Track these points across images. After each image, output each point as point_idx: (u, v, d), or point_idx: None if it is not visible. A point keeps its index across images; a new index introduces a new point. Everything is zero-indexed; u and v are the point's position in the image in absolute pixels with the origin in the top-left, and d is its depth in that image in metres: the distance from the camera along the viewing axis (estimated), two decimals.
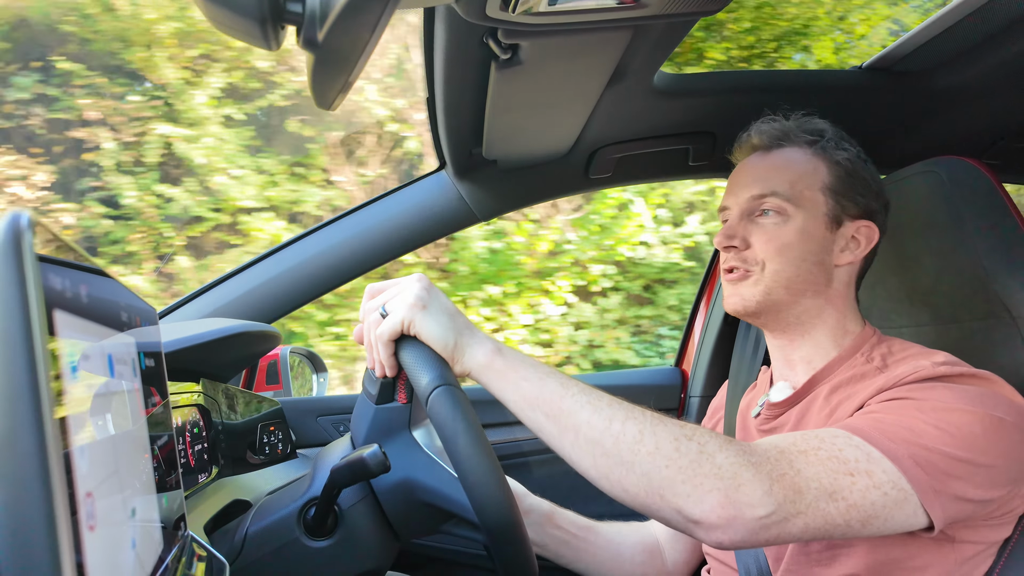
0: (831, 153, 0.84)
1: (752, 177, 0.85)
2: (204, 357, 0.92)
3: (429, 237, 1.26)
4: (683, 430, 0.60)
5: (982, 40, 0.93)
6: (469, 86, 0.86)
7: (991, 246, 0.81)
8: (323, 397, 1.54)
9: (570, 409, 0.62)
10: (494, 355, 0.67)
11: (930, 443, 0.61)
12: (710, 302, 1.60)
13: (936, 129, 1.17)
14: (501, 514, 0.62)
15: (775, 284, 0.81)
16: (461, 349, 0.67)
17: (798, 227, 0.81)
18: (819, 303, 0.83)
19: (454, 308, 0.69)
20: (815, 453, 0.60)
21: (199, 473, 0.87)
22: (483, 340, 0.68)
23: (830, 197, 0.82)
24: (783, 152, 0.86)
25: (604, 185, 1.30)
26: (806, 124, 0.87)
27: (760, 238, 0.82)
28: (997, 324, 0.80)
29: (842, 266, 0.83)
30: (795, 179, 0.82)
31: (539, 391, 0.64)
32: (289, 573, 0.69)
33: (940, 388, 0.66)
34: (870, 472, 0.59)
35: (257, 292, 1.20)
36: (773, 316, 0.84)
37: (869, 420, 0.64)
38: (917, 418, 0.63)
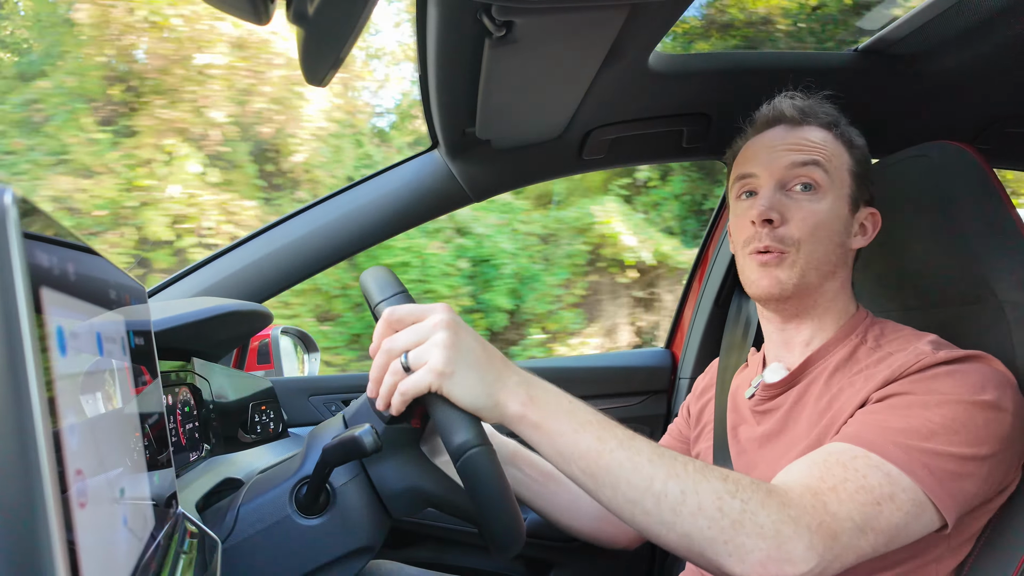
0: (851, 138, 0.84)
1: (788, 146, 0.81)
2: (195, 336, 0.92)
3: (421, 217, 1.26)
4: (726, 485, 0.58)
5: (976, 25, 0.93)
6: (463, 64, 0.84)
7: (980, 230, 0.81)
8: (315, 377, 1.55)
9: (607, 467, 0.60)
10: (526, 407, 0.62)
11: (940, 446, 0.62)
12: (701, 283, 1.61)
13: (929, 113, 1.16)
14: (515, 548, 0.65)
15: (809, 266, 0.79)
16: (492, 405, 0.62)
17: (830, 206, 0.80)
18: (836, 287, 0.83)
19: (484, 356, 0.63)
20: (843, 487, 0.60)
21: (190, 451, 0.87)
22: (515, 391, 0.63)
23: (853, 180, 0.82)
24: (811, 128, 0.83)
25: (597, 167, 1.29)
26: (822, 105, 0.86)
27: (797, 214, 0.79)
28: (984, 308, 0.81)
29: (853, 251, 0.84)
30: (830, 155, 0.81)
31: (574, 447, 0.61)
32: (281, 550, 0.69)
33: (942, 378, 0.67)
34: (893, 496, 0.60)
35: (248, 271, 1.20)
36: (799, 300, 0.82)
37: (880, 430, 0.64)
38: (923, 417, 0.64)
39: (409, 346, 0.63)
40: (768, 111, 0.87)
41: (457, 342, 0.62)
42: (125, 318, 0.50)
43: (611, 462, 0.60)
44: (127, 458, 0.44)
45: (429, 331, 0.62)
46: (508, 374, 0.64)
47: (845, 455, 0.63)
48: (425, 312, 0.64)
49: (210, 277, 1.19)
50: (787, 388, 0.84)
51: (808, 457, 0.66)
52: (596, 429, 0.62)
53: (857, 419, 0.69)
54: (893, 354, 0.74)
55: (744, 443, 0.87)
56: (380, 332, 0.66)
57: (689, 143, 1.22)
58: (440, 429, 0.64)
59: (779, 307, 0.84)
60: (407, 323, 0.64)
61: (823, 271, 0.80)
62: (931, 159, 0.86)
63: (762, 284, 0.80)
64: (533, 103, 0.99)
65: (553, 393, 0.65)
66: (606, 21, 0.75)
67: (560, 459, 0.62)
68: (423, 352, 0.62)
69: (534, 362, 1.85)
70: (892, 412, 0.66)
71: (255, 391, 1.11)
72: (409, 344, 0.63)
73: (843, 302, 0.84)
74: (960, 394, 0.65)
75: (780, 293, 0.80)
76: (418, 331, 0.63)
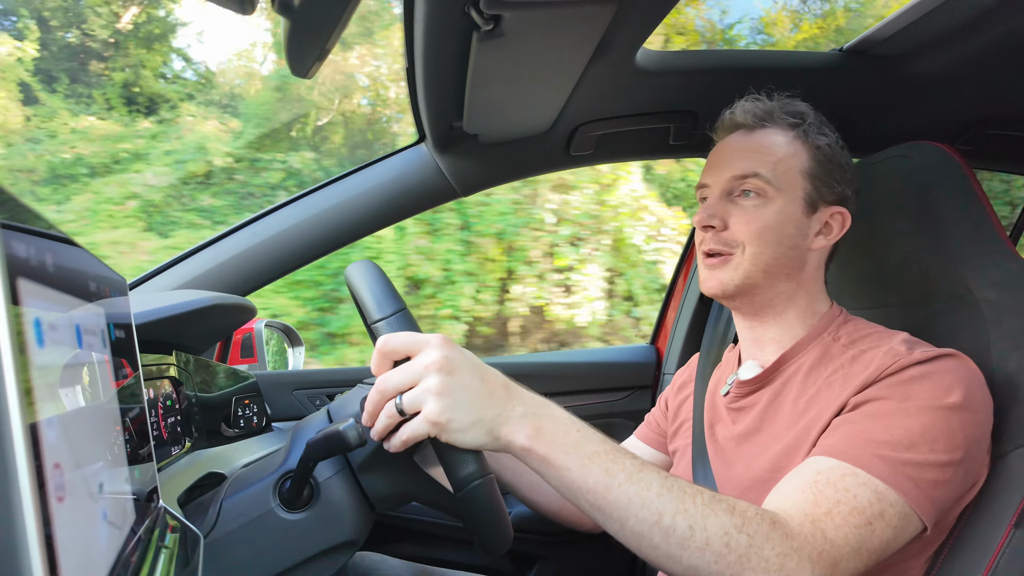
0: (812, 138, 0.84)
1: (734, 156, 0.84)
2: (177, 329, 0.91)
3: (407, 211, 1.25)
4: (732, 519, 0.59)
5: (959, 27, 0.94)
6: (450, 57, 0.84)
7: (958, 230, 0.83)
8: (299, 371, 1.54)
9: (616, 502, 0.59)
10: (533, 441, 0.60)
11: (921, 456, 0.64)
12: (686, 281, 1.62)
13: (911, 114, 1.18)
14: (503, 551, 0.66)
15: (753, 268, 0.81)
16: (496, 441, 0.61)
17: (777, 210, 0.81)
18: (792, 286, 0.84)
19: (483, 392, 0.60)
20: (838, 510, 0.62)
21: (172, 446, 0.86)
22: (519, 424, 0.61)
23: (809, 181, 0.83)
24: (766, 133, 0.85)
25: (585, 163, 1.29)
26: (788, 106, 0.86)
27: (739, 219, 0.82)
28: (961, 307, 0.82)
29: (815, 251, 0.84)
30: (777, 161, 0.82)
31: (582, 481, 0.60)
32: (264, 545, 0.69)
33: (917, 381, 0.68)
34: (883, 513, 0.62)
35: (231, 264, 1.18)
36: (748, 299, 0.85)
37: (864, 443, 0.65)
38: (903, 428, 0.65)
39: (403, 387, 0.60)
40: (727, 117, 0.90)
41: (452, 386, 0.59)
42: (105, 310, 0.50)
43: (620, 497, 0.59)
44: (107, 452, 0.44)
45: (422, 373, 0.59)
46: (511, 405, 0.62)
47: (834, 474, 0.64)
48: (419, 346, 0.61)
49: (193, 270, 1.18)
50: (761, 386, 0.85)
51: (798, 477, 0.67)
52: (604, 461, 0.60)
53: (839, 429, 0.69)
54: (867, 351, 0.75)
55: (721, 441, 0.88)
56: (376, 364, 0.63)
57: (676, 140, 1.22)
58: (441, 461, 0.63)
59: (732, 304, 0.88)
60: (401, 354, 0.62)
61: (771, 272, 0.82)
62: (912, 159, 0.87)
63: (707, 285, 0.86)
64: (521, 98, 0.98)
65: (561, 422, 0.63)
66: (594, 17, 0.75)
67: (568, 492, 0.61)
68: (417, 398, 0.59)
69: (520, 357, 1.85)
70: (873, 422, 0.67)
71: (238, 385, 1.11)
72: (403, 385, 0.60)
73: (806, 300, 0.85)
74: (935, 399, 0.66)
75: (723, 293, 0.84)
76: (411, 372, 0.60)
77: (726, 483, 0.83)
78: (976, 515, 0.70)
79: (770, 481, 0.75)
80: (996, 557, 0.68)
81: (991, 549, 0.68)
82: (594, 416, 1.57)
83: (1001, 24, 0.91)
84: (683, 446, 0.96)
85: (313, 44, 0.63)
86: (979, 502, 0.71)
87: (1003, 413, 0.72)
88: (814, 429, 0.73)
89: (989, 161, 1.39)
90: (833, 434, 0.69)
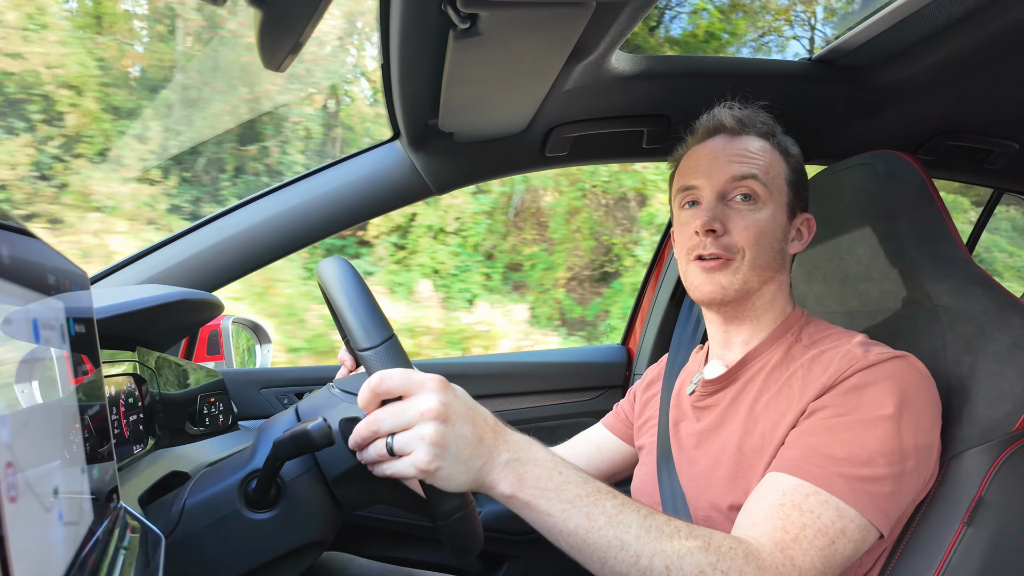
0: (786, 147, 0.87)
1: (728, 159, 0.84)
2: (140, 325, 0.88)
3: (381, 208, 1.24)
4: (708, 557, 0.60)
5: (922, 39, 0.97)
6: (426, 54, 0.84)
7: (918, 237, 0.86)
8: (267, 368, 1.51)
9: (595, 545, 0.61)
10: (515, 488, 0.62)
11: (878, 470, 0.66)
12: (658, 281, 1.64)
13: (876, 123, 1.21)
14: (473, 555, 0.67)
15: (752, 272, 0.82)
16: (479, 487, 0.62)
17: (770, 214, 0.83)
18: (774, 289, 0.86)
19: (473, 440, 0.61)
20: (804, 535, 0.64)
21: (134, 444, 0.84)
22: (503, 472, 0.62)
23: (790, 188, 0.85)
24: (749, 139, 0.86)
25: (560, 164, 1.30)
26: (759, 114, 0.88)
27: (739, 224, 0.82)
28: (920, 311, 0.85)
29: (789, 255, 0.87)
30: (767, 166, 0.83)
31: (564, 526, 0.61)
32: (228, 545, 0.68)
33: (872, 388, 0.70)
34: (844, 530, 0.64)
35: (198, 259, 1.16)
36: (740, 303, 0.85)
37: (823, 460, 0.67)
38: (859, 443, 0.67)
39: (395, 429, 0.60)
40: (708, 120, 0.89)
41: (444, 435, 0.59)
42: (65, 304, 0.48)
43: (599, 540, 0.61)
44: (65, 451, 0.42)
45: (415, 419, 0.59)
46: (497, 453, 0.62)
47: (798, 495, 0.66)
48: (414, 388, 0.61)
49: (159, 264, 1.15)
50: (725, 385, 0.87)
51: (765, 500, 0.68)
52: (585, 505, 0.62)
53: (800, 442, 0.71)
54: (826, 352, 0.78)
55: (684, 439, 0.89)
56: (365, 400, 0.62)
57: (649, 144, 1.24)
58: (423, 489, 0.64)
59: (721, 309, 0.87)
60: (395, 395, 0.62)
61: (764, 276, 0.84)
62: (876, 168, 0.90)
63: (705, 289, 0.83)
64: (496, 98, 0.98)
65: (543, 465, 0.63)
66: (570, 19, 0.76)
67: (549, 535, 0.63)
68: (408, 442, 0.59)
69: (491, 357, 1.85)
70: (832, 437, 0.69)
71: (204, 383, 1.08)
72: (395, 428, 0.60)
73: (781, 303, 0.87)
74: (887, 406, 0.68)
75: (723, 298, 0.83)
76: (405, 416, 0.60)
77: (689, 480, 0.84)
78: (929, 514, 0.72)
79: (732, 479, 0.77)
80: (948, 555, 0.71)
81: (943, 547, 0.71)
82: (564, 416, 1.58)
83: (963, 37, 0.94)
84: (649, 443, 0.97)
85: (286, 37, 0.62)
86: (932, 502, 0.73)
87: (956, 415, 0.75)
88: (776, 430, 0.75)
89: (948, 171, 1.44)
90: (794, 448, 0.71)
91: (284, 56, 0.65)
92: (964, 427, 0.74)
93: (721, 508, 0.78)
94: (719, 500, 0.78)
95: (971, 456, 0.73)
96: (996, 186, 1.64)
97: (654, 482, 0.90)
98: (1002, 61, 1.00)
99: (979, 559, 0.70)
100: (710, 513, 0.79)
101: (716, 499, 0.79)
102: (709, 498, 0.80)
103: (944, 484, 0.73)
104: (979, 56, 0.98)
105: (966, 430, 0.74)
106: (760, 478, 0.74)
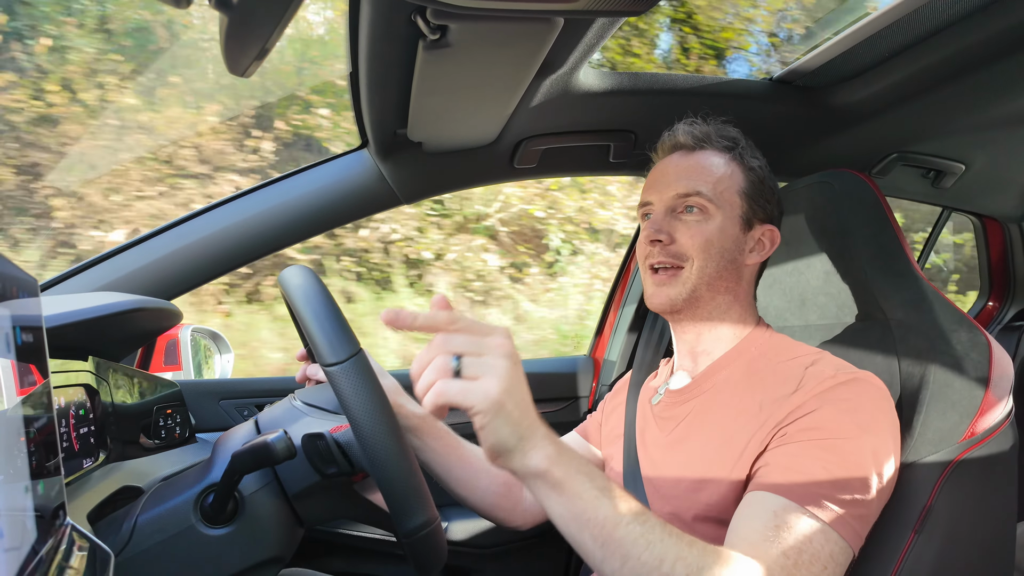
0: (747, 160, 0.89)
1: (677, 175, 0.88)
2: (93, 334, 0.85)
3: (347, 217, 1.23)
4: (725, 571, 0.59)
5: (876, 64, 1.01)
6: (395, 64, 0.83)
7: (872, 254, 0.89)
8: (226, 379, 1.47)
9: (621, 540, 0.58)
10: (551, 463, 0.59)
11: (858, 495, 0.68)
12: (624, 293, 1.66)
13: (833, 142, 1.26)
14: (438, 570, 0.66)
15: (699, 281, 0.85)
16: (517, 451, 0.59)
17: (718, 225, 0.86)
18: (729, 299, 0.88)
19: (527, 400, 0.59)
20: (801, 559, 0.64)
21: (84, 458, 0.81)
22: (542, 444, 0.59)
23: (744, 200, 0.88)
24: (705, 155, 0.89)
25: (529, 176, 1.31)
26: (723, 130, 0.91)
27: (685, 233, 0.86)
28: (874, 325, 0.88)
29: (749, 266, 0.89)
30: (716, 181, 0.87)
31: (593, 513, 0.59)
32: (182, 563, 0.66)
33: (842, 409, 0.72)
34: (832, 554, 0.65)
35: (156, 266, 1.12)
36: (691, 312, 0.88)
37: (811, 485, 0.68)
38: (843, 468, 0.68)
39: (466, 351, 0.57)
40: (668, 138, 0.94)
41: (515, 376, 0.57)
42: (11, 312, 0.46)
43: (626, 535, 0.58)
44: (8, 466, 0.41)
45: (492, 349, 0.57)
46: (539, 424, 0.60)
47: (791, 517, 0.66)
48: (490, 330, 0.59)
49: (114, 271, 1.11)
50: (690, 396, 0.88)
51: (755, 519, 0.69)
52: (613, 498, 0.60)
53: (781, 464, 0.71)
54: (791, 369, 0.79)
55: (651, 449, 0.90)
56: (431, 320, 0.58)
57: (616, 158, 1.26)
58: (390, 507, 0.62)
59: (675, 318, 0.91)
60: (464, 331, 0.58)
61: (714, 285, 0.86)
62: (832, 186, 0.93)
63: (654, 301, 0.88)
64: (466, 109, 0.99)
65: (573, 452, 0.62)
66: (539, 34, 0.77)
67: (574, 522, 0.60)
68: (480, 366, 0.56)
69: None
70: (812, 459, 0.70)
71: (160, 394, 1.05)
72: (467, 349, 0.57)
73: (739, 314, 0.89)
74: (855, 428, 0.70)
75: (671, 307, 0.87)
76: (480, 343, 0.57)
77: (654, 491, 0.85)
78: (883, 523, 0.74)
79: (696, 491, 0.78)
80: (900, 562, 0.73)
81: (896, 555, 0.73)
82: None
83: (914, 63, 0.99)
84: (615, 451, 0.98)
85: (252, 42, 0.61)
86: (886, 511, 0.75)
87: (908, 426, 0.78)
88: (738, 443, 0.76)
89: (900, 190, 1.50)
90: (780, 470, 0.71)
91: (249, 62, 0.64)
92: (916, 437, 0.77)
93: (685, 519, 0.78)
94: (683, 511, 0.79)
95: (922, 466, 0.75)
96: (945, 205, 1.71)
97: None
98: (949, 86, 1.05)
99: (929, 566, 0.72)
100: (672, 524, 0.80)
101: (680, 510, 0.79)
102: (672, 508, 0.80)
103: (896, 493, 0.75)
104: (928, 81, 1.03)
105: (917, 440, 0.77)
106: (724, 490, 0.75)
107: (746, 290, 0.90)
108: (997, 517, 0.76)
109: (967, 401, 0.75)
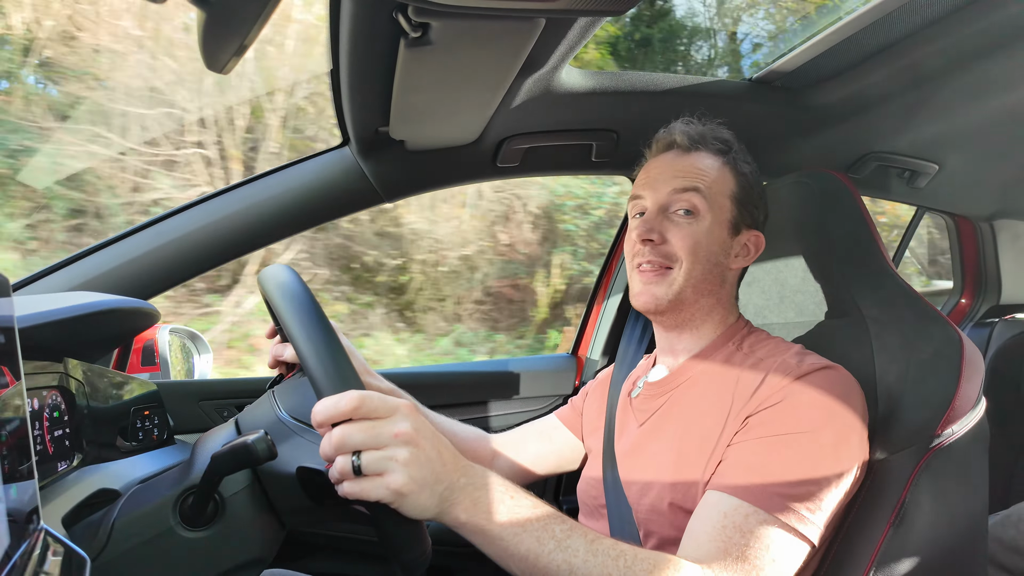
0: (739, 165, 0.90)
1: (674, 172, 0.88)
2: (68, 334, 0.84)
3: (328, 215, 1.22)
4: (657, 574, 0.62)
5: (852, 65, 1.03)
6: (376, 61, 0.83)
7: (848, 252, 0.90)
8: (205, 380, 1.45)
9: (545, 569, 0.62)
10: (470, 513, 0.62)
11: (822, 491, 0.69)
12: (606, 291, 1.67)
13: (810, 142, 1.28)
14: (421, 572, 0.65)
15: (686, 283, 0.86)
16: (440, 514, 0.61)
17: (707, 228, 0.86)
18: (711, 302, 0.89)
19: (440, 467, 0.60)
20: (746, 554, 0.66)
21: (59, 461, 0.79)
22: (460, 498, 0.61)
23: (734, 205, 0.88)
24: (699, 156, 0.90)
25: (511, 175, 1.31)
26: (717, 132, 0.92)
27: (676, 235, 0.86)
28: (850, 322, 0.90)
29: (733, 270, 0.90)
30: (711, 182, 0.87)
31: (515, 550, 0.62)
32: (161, 566, 0.65)
33: (803, 402, 0.73)
34: (794, 553, 0.68)
35: (133, 265, 1.10)
36: (675, 313, 0.89)
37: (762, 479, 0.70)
38: (805, 467, 0.70)
39: (365, 446, 0.57)
40: (663, 136, 0.94)
41: (418, 459, 0.58)
42: None
43: (549, 564, 0.62)
44: None
45: (389, 441, 0.58)
46: (457, 477, 0.62)
47: (752, 521, 0.68)
48: (389, 412, 0.59)
49: (90, 270, 1.09)
50: (668, 389, 0.90)
51: (706, 520, 0.70)
52: (536, 530, 0.63)
53: (737, 461, 0.73)
54: (763, 360, 0.81)
55: (627, 441, 0.92)
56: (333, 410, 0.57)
57: (598, 157, 1.26)
58: (384, 539, 0.62)
59: (658, 318, 0.92)
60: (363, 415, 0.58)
61: (700, 288, 0.87)
62: (810, 186, 0.94)
63: (640, 299, 0.89)
64: (448, 107, 0.99)
65: (495, 490, 0.64)
66: (521, 32, 0.77)
67: (500, 560, 0.64)
68: (379, 462, 0.57)
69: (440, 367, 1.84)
70: (768, 455, 0.71)
71: (137, 395, 1.03)
72: (365, 444, 0.57)
73: (721, 314, 0.91)
74: (817, 420, 0.72)
75: (656, 307, 0.88)
76: (377, 434, 0.57)
77: (632, 482, 0.86)
78: (859, 517, 0.76)
79: (672, 482, 0.79)
80: (876, 555, 0.74)
81: (872, 548, 0.75)
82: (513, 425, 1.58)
83: (888, 65, 1.00)
84: (595, 446, 0.99)
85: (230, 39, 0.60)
86: (862, 505, 0.77)
87: (884, 421, 0.79)
88: (712, 435, 0.78)
89: (876, 189, 1.53)
90: (733, 466, 0.73)
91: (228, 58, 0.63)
92: (891, 432, 0.78)
93: (662, 509, 0.79)
94: (659, 501, 0.80)
95: (896, 460, 0.77)
96: (919, 204, 1.74)
97: (599, 484, 0.92)
98: (923, 89, 1.07)
99: (905, 559, 0.74)
100: (650, 515, 0.81)
101: (656, 500, 0.80)
102: (650, 500, 0.81)
103: (872, 487, 0.77)
104: (903, 83, 1.05)
105: (892, 435, 0.78)
106: (699, 481, 0.76)
107: (728, 292, 0.92)
108: (970, 509, 0.78)
109: (940, 396, 0.77)
